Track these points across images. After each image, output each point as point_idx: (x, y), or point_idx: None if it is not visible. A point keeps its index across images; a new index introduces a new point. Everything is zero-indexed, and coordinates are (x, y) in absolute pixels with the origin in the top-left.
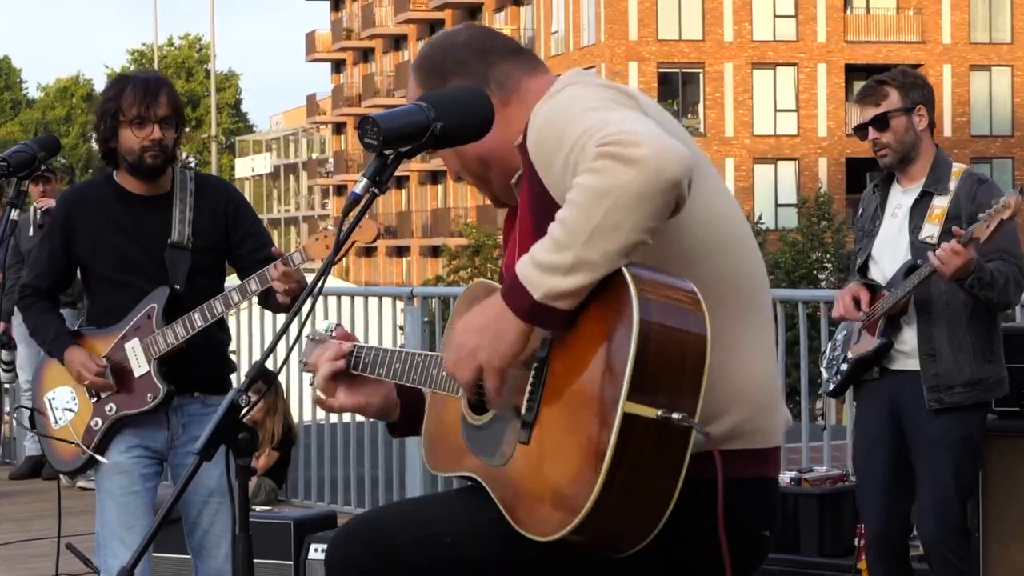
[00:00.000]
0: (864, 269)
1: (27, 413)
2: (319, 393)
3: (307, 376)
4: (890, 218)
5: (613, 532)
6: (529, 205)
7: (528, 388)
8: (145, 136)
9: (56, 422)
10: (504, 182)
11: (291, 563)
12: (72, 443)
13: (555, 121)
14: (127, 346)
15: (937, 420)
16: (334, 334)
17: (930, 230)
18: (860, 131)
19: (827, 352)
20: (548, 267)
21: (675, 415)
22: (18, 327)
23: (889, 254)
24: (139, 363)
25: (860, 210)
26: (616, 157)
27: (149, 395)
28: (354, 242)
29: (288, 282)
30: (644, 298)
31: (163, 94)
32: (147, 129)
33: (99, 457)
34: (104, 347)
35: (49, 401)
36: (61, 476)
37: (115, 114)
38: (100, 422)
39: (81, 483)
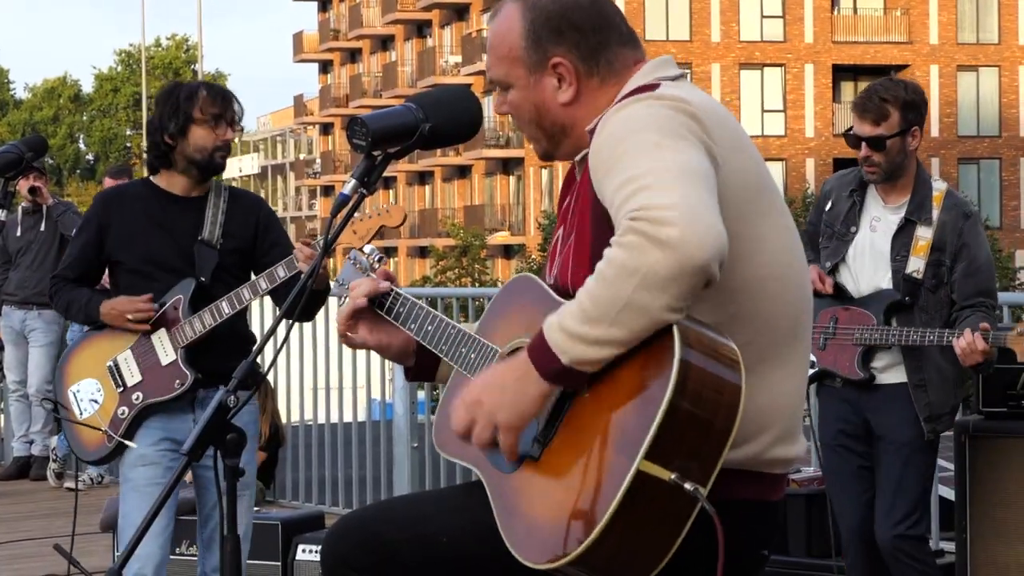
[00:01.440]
0: (832, 272)
1: (52, 406)
2: (340, 328)
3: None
4: (867, 229)
5: (607, 571)
6: (589, 194)
7: (551, 407)
8: (220, 135)
9: (81, 414)
10: (570, 150)
11: (279, 563)
12: (99, 429)
13: (615, 141)
14: (153, 337)
15: (911, 434)
16: (375, 270)
17: (916, 264)
18: (853, 140)
19: None
20: (576, 336)
21: (688, 485)
22: (5, 328)
23: (868, 270)
24: (166, 352)
25: (829, 203)
26: (646, 235)
27: (177, 382)
28: (382, 226)
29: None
30: (686, 356)
31: (233, 100)
32: (222, 128)
33: (127, 442)
34: (130, 339)
35: (73, 394)
36: (51, 477)
37: (190, 114)
38: (127, 411)
39: (68, 484)
